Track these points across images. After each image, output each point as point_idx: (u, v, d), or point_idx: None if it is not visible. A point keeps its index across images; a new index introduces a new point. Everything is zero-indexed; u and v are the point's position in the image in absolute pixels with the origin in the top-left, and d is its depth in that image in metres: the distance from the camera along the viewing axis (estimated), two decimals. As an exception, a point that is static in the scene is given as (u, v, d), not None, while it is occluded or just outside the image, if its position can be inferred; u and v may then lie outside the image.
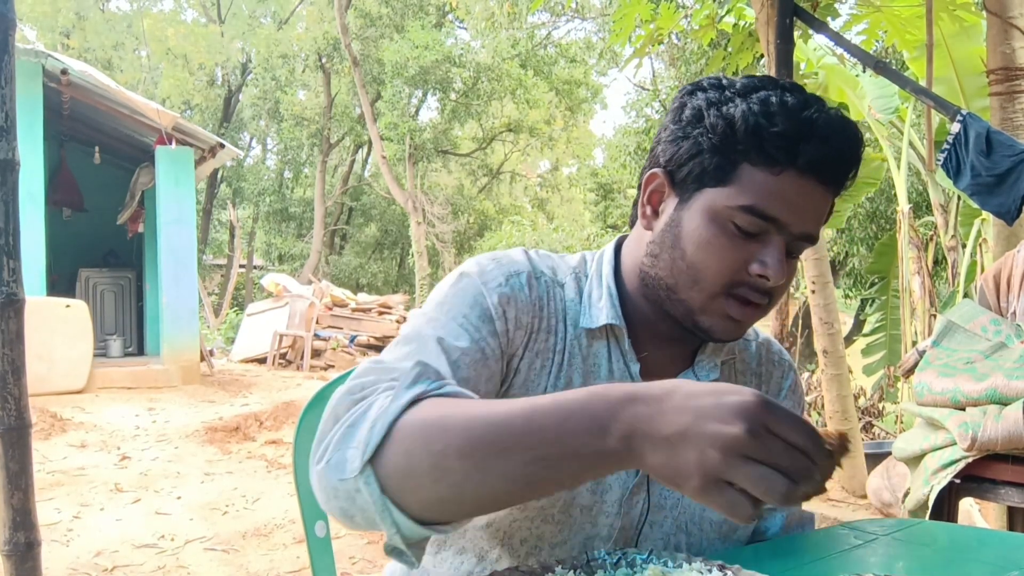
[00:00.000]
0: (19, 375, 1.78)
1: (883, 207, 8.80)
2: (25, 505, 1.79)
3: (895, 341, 6.22)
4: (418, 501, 0.69)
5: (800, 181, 0.87)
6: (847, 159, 0.89)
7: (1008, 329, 2.12)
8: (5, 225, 1.75)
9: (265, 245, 22.89)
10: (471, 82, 17.73)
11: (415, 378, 0.74)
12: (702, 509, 0.99)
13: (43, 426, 5.55)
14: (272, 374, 9.91)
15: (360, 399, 0.76)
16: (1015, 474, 1.93)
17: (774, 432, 0.60)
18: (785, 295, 0.92)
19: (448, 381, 0.76)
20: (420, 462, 0.68)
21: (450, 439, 0.68)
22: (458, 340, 0.87)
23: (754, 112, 0.87)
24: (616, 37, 4.24)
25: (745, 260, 0.89)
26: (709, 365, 1.01)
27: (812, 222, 0.89)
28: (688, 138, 0.91)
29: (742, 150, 0.88)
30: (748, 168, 0.88)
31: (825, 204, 0.90)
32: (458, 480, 0.67)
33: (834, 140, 0.87)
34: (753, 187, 0.87)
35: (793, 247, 0.91)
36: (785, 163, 0.86)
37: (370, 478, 0.69)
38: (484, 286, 0.92)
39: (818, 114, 0.87)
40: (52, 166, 8.96)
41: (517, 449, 0.66)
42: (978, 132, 2.75)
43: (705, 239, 0.90)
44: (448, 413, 0.70)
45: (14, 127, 1.77)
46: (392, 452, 0.69)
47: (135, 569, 3.30)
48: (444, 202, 19.64)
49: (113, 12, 22.41)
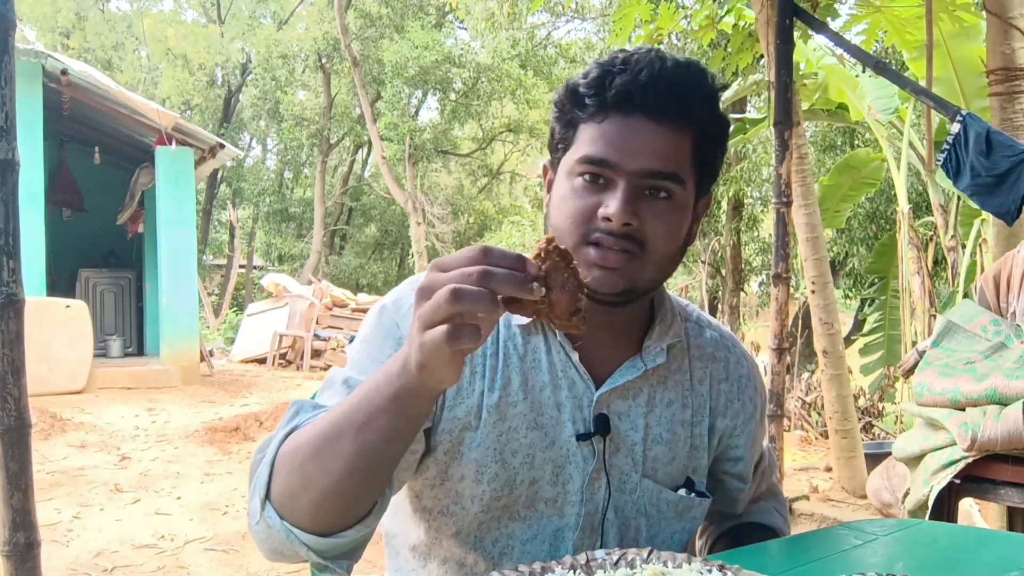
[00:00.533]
0: (19, 375, 1.78)
1: (883, 207, 8.80)
2: (25, 505, 1.79)
3: (893, 341, 6.23)
4: (305, 514, 0.79)
5: (624, 121, 0.90)
6: (667, 89, 0.89)
7: (1008, 329, 2.12)
8: (5, 225, 1.75)
9: (265, 245, 22.87)
10: (471, 82, 17.72)
11: (290, 418, 0.86)
12: (659, 491, 1.02)
13: (43, 426, 5.55)
14: (272, 374, 9.91)
15: (265, 451, 0.86)
16: (1015, 474, 1.93)
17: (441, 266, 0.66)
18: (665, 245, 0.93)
19: (324, 410, 0.85)
20: (291, 480, 0.79)
21: (302, 450, 0.78)
22: (364, 375, 0.93)
23: (576, 77, 0.94)
24: (616, 37, 4.24)
25: (595, 206, 0.91)
26: (656, 350, 1.01)
27: (649, 158, 0.90)
28: (551, 120, 0.99)
29: (571, 111, 0.94)
30: (583, 126, 0.93)
31: (663, 139, 0.90)
32: (319, 480, 0.77)
33: (646, 71, 0.89)
34: (586, 139, 0.92)
35: (642, 186, 0.91)
36: (602, 108, 0.91)
37: (269, 511, 0.80)
38: (397, 314, 0.97)
39: (633, 55, 0.91)
40: (52, 166, 8.95)
41: (345, 429, 0.75)
42: (978, 132, 2.75)
43: (561, 199, 0.94)
44: (303, 432, 0.80)
45: (14, 127, 1.77)
46: (275, 484, 0.80)
47: (135, 569, 3.30)
48: (444, 202, 19.63)
49: (113, 12, 22.42)
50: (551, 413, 0.98)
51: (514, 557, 0.98)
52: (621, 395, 1.00)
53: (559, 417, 0.98)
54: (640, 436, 1.00)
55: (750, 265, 12.78)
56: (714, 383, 1.07)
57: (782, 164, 3.27)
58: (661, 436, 1.01)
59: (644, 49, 0.93)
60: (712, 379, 1.07)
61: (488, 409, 0.96)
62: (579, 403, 0.98)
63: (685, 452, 1.03)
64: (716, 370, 1.07)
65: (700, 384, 1.06)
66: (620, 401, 1.00)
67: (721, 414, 1.07)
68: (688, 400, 1.04)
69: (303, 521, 0.79)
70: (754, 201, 11.79)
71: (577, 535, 0.98)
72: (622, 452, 1.00)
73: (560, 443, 0.98)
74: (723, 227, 12.15)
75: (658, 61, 0.90)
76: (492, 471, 0.96)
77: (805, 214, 4.04)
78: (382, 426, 0.74)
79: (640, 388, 1.01)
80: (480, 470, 0.96)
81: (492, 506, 0.97)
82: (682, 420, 1.03)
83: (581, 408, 0.98)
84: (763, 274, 12.70)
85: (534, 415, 0.97)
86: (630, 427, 1.00)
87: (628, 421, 1.00)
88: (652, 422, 1.01)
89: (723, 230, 12.14)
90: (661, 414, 1.02)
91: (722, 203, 11.58)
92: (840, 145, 9.38)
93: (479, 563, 0.99)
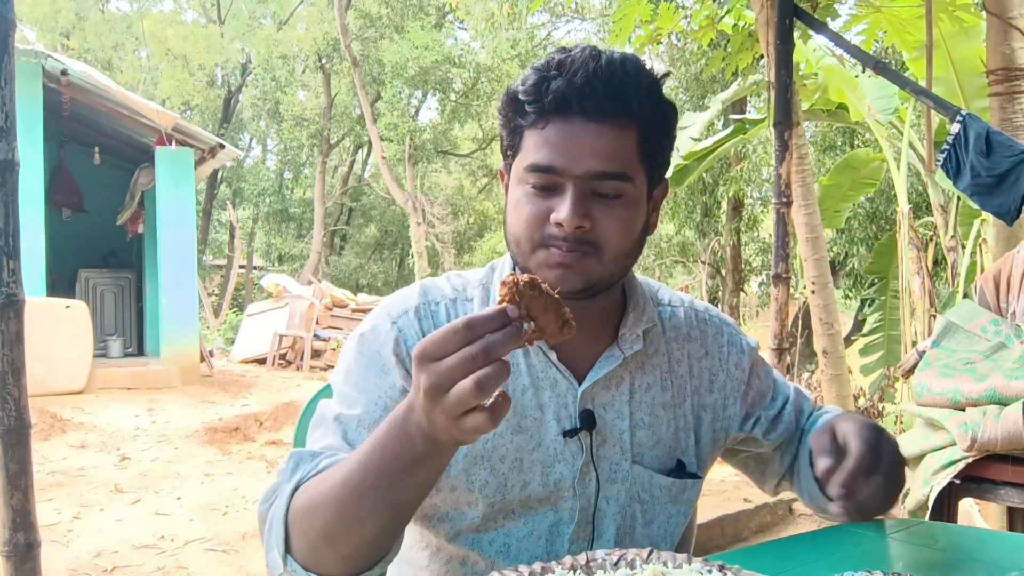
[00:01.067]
0: (19, 376, 1.78)
1: (883, 207, 8.81)
2: (25, 506, 1.79)
3: (893, 341, 6.22)
4: (332, 564, 0.82)
5: (564, 124, 0.90)
6: (603, 89, 0.89)
7: (1008, 329, 2.12)
8: (5, 225, 1.75)
9: (265, 246, 22.87)
10: (471, 82, 17.73)
11: (292, 470, 0.88)
12: (650, 476, 1.03)
13: (43, 427, 5.55)
14: (272, 375, 9.91)
15: (271, 503, 0.89)
16: (1015, 474, 1.93)
17: (435, 357, 0.67)
18: (620, 243, 0.93)
19: (323, 456, 0.88)
20: (315, 539, 0.81)
21: (323, 513, 0.80)
22: (353, 408, 0.95)
23: (515, 83, 0.94)
24: (616, 38, 4.24)
25: (547, 212, 0.91)
26: (632, 337, 1.02)
27: (593, 159, 0.89)
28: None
29: (513, 118, 0.94)
30: (526, 133, 0.93)
31: (605, 139, 0.90)
32: (347, 537, 0.79)
33: (580, 72, 0.88)
34: (531, 146, 0.92)
35: (590, 188, 0.91)
36: (542, 114, 0.90)
37: (293, 565, 0.83)
38: (376, 340, 1.00)
39: (566, 56, 0.90)
40: (52, 167, 8.95)
41: (369, 492, 0.77)
42: (978, 132, 2.75)
43: (513, 205, 0.95)
44: (316, 492, 0.82)
45: (14, 128, 1.77)
46: (294, 541, 0.83)
47: (135, 570, 3.30)
48: (444, 202, 19.64)
49: (113, 13, 22.42)
50: (534, 415, 0.99)
51: (512, 554, 0.99)
52: (604, 386, 1.01)
53: (542, 418, 0.99)
54: (626, 424, 1.02)
55: (750, 265, 12.79)
56: (693, 362, 1.08)
57: (782, 164, 3.27)
58: (643, 420, 1.03)
59: (579, 48, 0.92)
60: (691, 358, 1.08)
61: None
62: (563, 401, 1.00)
63: (670, 434, 1.05)
64: (693, 349, 1.08)
65: (678, 365, 1.07)
66: (604, 392, 1.01)
67: (707, 390, 1.08)
68: (668, 382, 1.05)
69: (333, 570, 0.82)
70: (754, 201, 11.80)
71: (573, 528, 1.00)
72: (609, 442, 1.01)
73: (547, 443, 0.99)
74: (723, 227, 12.16)
75: (592, 60, 0.89)
76: (482, 478, 0.97)
77: (805, 214, 4.04)
78: (409, 485, 0.77)
79: (621, 376, 1.02)
80: (470, 479, 0.97)
81: (487, 509, 0.98)
82: (663, 403, 1.04)
83: (566, 406, 1.00)
84: (763, 274, 12.71)
85: (517, 419, 0.98)
86: (616, 416, 1.01)
87: (613, 411, 1.02)
88: (634, 408, 1.03)
89: (723, 230, 12.15)
90: (641, 399, 1.03)
91: (722, 203, 11.58)
92: (840, 145, 9.38)
93: (478, 562, 1.00)
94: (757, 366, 1.14)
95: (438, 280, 1.07)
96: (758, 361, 1.15)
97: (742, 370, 1.11)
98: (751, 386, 1.12)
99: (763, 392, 1.14)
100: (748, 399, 1.11)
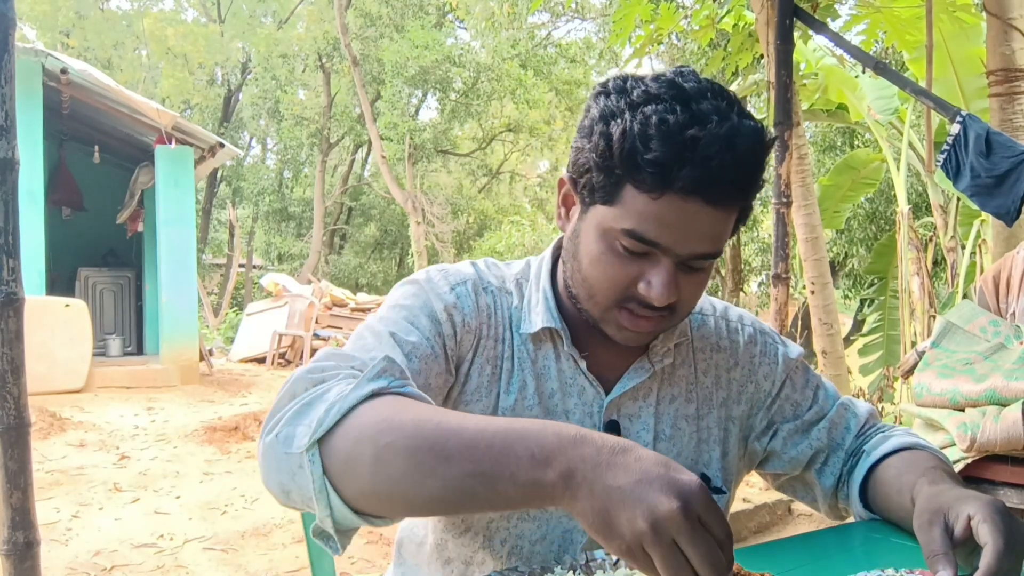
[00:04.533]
0: (18, 374, 1.78)
1: (882, 208, 8.81)
2: (24, 504, 1.79)
3: (893, 342, 6.23)
4: (356, 489, 0.70)
5: (682, 204, 0.83)
6: (732, 179, 0.84)
7: (1007, 330, 2.12)
8: (4, 224, 1.75)
9: (264, 245, 22.87)
10: (471, 82, 17.72)
11: (379, 372, 0.75)
12: None
13: (42, 425, 5.55)
14: (271, 374, 9.91)
15: (320, 381, 0.77)
16: (1014, 475, 1.93)
17: (703, 522, 0.60)
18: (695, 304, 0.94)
19: (410, 382, 0.78)
20: (365, 451, 0.69)
21: (399, 435, 0.68)
22: (409, 335, 0.91)
23: (633, 134, 0.83)
24: (616, 37, 4.25)
25: (634, 278, 0.88)
26: (663, 351, 1.01)
27: (700, 242, 0.86)
28: (583, 151, 0.89)
29: (620, 173, 0.85)
30: (630, 190, 0.85)
31: (717, 222, 0.86)
32: (397, 476, 0.68)
33: (716, 161, 0.82)
34: (634, 210, 0.85)
35: (688, 264, 0.88)
36: (662, 188, 0.83)
37: (315, 456, 0.70)
38: (431, 292, 0.96)
39: (701, 132, 0.82)
40: (52, 165, 8.95)
41: (460, 459, 0.66)
42: (978, 133, 2.75)
43: (596, 256, 0.90)
44: (404, 410, 0.71)
45: (14, 126, 1.77)
46: (341, 437, 0.70)
47: (134, 569, 3.30)
48: (444, 202, 19.62)
49: (113, 11, 22.40)
50: (560, 420, 0.96)
51: (523, 557, 0.98)
52: (631, 397, 1.01)
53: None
54: (651, 436, 1.01)
55: (750, 265, 12.79)
56: (721, 372, 1.06)
57: (782, 164, 3.27)
58: (665, 432, 1.02)
59: (711, 111, 0.83)
60: (718, 369, 1.06)
61: (503, 411, 0.97)
62: (589, 410, 0.99)
63: (691, 447, 1.03)
64: (721, 359, 1.06)
65: (705, 376, 1.05)
66: (631, 403, 1.01)
67: (735, 402, 1.06)
68: (692, 394, 1.04)
69: (349, 493, 0.70)
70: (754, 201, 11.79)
71: (587, 538, 0.98)
72: None
73: None
74: (723, 227, 12.16)
75: (729, 150, 0.82)
76: None
77: (805, 214, 4.05)
78: (499, 490, 0.66)
79: (649, 388, 1.02)
80: None
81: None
82: (686, 415, 1.03)
83: (591, 415, 0.99)
84: (763, 274, 12.71)
85: (546, 420, 0.97)
86: (641, 427, 1.01)
87: (639, 422, 1.01)
88: (659, 420, 1.02)
89: (723, 230, 12.15)
90: (665, 411, 1.02)
91: (722, 203, 11.58)
92: (840, 145, 9.39)
93: (487, 562, 0.98)
94: (794, 376, 1.09)
95: (481, 264, 1.05)
96: (796, 371, 1.09)
97: (771, 382, 1.07)
98: (780, 396, 1.08)
99: (796, 402, 1.08)
100: (772, 409, 1.07)
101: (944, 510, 0.80)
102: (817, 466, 1.08)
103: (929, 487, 0.87)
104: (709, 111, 0.83)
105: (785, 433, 1.07)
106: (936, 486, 0.87)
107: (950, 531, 0.78)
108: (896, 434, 1.08)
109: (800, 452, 1.07)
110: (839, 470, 1.07)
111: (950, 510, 0.79)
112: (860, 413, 1.10)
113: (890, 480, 0.99)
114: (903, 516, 0.94)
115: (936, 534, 0.78)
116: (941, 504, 0.81)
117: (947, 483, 0.88)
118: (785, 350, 1.09)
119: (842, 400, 1.11)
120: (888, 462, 1.02)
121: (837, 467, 1.07)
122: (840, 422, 1.09)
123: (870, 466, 1.04)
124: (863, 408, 1.11)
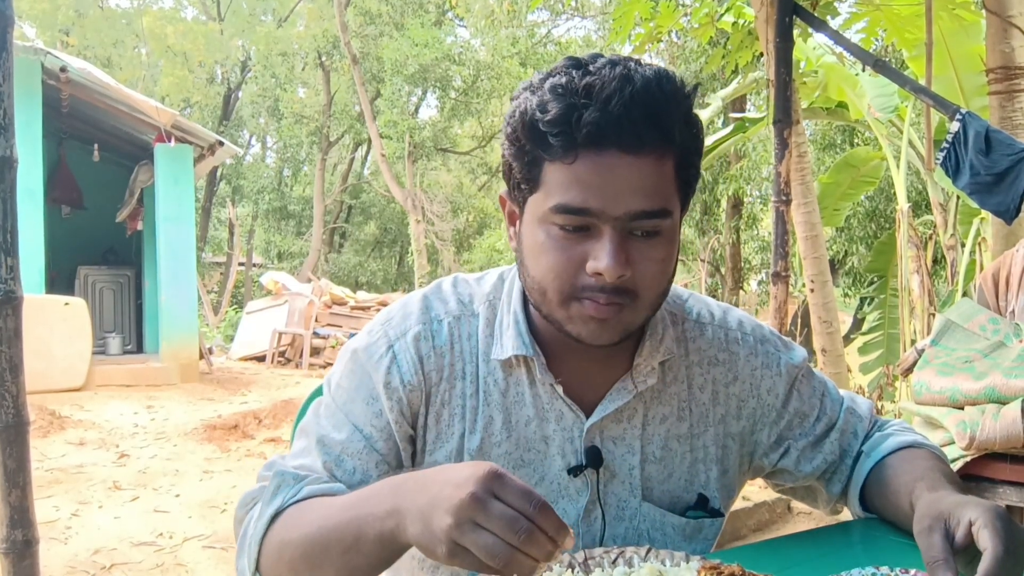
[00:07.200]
0: (17, 372, 1.78)
1: (882, 206, 8.81)
2: (23, 503, 1.79)
3: (892, 340, 6.22)
4: None
5: (598, 159, 0.79)
6: (638, 117, 0.78)
7: (1007, 328, 2.12)
8: (3, 222, 1.75)
9: (264, 243, 22.87)
10: (471, 80, 17.71)
11: (274, 492, 0.88)
12: (662, 515, 0.96)
13: (41, 424, 5.55)
14: (271, 372, 9.91)
15: (250, 508, 0.92)
16: (1013, 473, 1.93)
17: (499, 497, 0.66)
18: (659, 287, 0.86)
19: (306, 480, 0.89)
20: (282, 571, 0.85)
21: (294, 552, 0.83)
22: (339, 432, 0.92)
23: (532, 107, 0.81)
24: (616, 35, 4.24)
25: (580, 260, 0.82)
26: (646, 370, 0.94)
27: (633, 197, 0.80)
28: (503, 151, 0.88)
29: (532, 150, 0.82)
30: (547, 166, 0.82)
31: (645, 174, 0.80)
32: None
33: (615, 100, 0.77)
34: (556, 183, 0.81)
35: (634, 228, 0.82)
36: (571, 147, 0.79)
37: None
38: (368, 361, 0.93)
39: (595, 79, 0.79)
40: (51, 163, 8.94)
41: (335, 546, 0.79)
42: (977, 131, 2.75)
43: (537, 248, 0.85)
44: (292, 527, 0.84)
45: (12, 124, 1.77)
46: (264, 564, 0.86)
47: (133, 567, 3.30)
48: (443, 200, 19.63)
49: (112, 9, 22.37)
50: (538, 448, 0.94)
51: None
52: (615, 419, 0.95)
53: (547, 451, 0.94)
54: (636, 459, 0.95)
55: (749, 263, 12.79)
56: (719, 388, 0.99)
57: (781, 162, 3.27)
58: (654, 454, 0.96)
59: (604, 64, 0.81)
60: (716, 384, 0.99)
61: (470, 453, 0.93)
62: (569, 435, 0.94)
63: (684, 467, 0.98)
64: (719, 374, 0.99)
65: (701, 392, 0.99)
66: (614, 425, 0.95)
67: (735, 418, 1.00)
68: (686, 412, 0.98)
69: None
70: (753, 199, 11.79)
71: (585, 538, 0.96)
72: (618, 478, 0.95)
73: (550, 478, 0.94)
74: (722, 225, 12.16)
75: (626, 84, 0.78)
76: None
77: (804, 212, 4.04)
78: (367, 553, 0.77)
79: (635, 408, 0.95)
80: None
81: None
82: (678, 435, 0.97)
83: (572, 440, 0.94)
84: (762, 272, 12.71)
85: (520, 452, 0.94)
86: (626, 451, 0.95)
87: (624, 445, 0.95)
88: (646, 442, 0.96)
89: (722, 228, 12.15)
90: (654, 432, 0.96)
91: (722, 201, 11.59)
92: (839, 143, 9.38)
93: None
94: (800, 384, 1.03)
95: (444, 289, 0.99)
96: (801, 379, 1.04)
97: (775, 395, 1.01)
98: (787, 409, 1.02)
99: (804, 414, 1.03)
100: (781, 424, 1.02)
101: (945, 516, 0.79)
102: (827, 477, 1.06)
103: (929, 492, 0.86)
104: (603, 63, 0.81)
105: (798, 451, 1.03)
106: (936, 492, 0.86)
107: (951, 537, 0.77)
108: (894, 431, 1.06)
109: (814, 468, 1.04)
110: (846, 478, 1.06)
111: (951, 516, 0.79)
112: (863, 414, 1.08)
113: (888, 481, 0.98)
114: (901, 518, 0.94)
115: (936, 540, 0.77)
116: (941, 510, 0.80)
117: (946, 488, 0.87)
118: (788, 357, 1.03)
119: (846, 403, 1.08)
120: (886, 462, 1.01)
121: (845, 475, 1.05)
122: (848, 429, 1.06)
123: (870, 468, 1.03)
124: (864, 407, 1.09)
